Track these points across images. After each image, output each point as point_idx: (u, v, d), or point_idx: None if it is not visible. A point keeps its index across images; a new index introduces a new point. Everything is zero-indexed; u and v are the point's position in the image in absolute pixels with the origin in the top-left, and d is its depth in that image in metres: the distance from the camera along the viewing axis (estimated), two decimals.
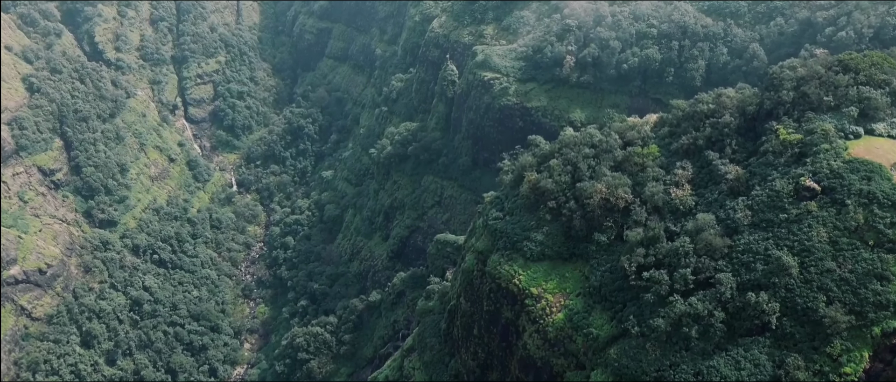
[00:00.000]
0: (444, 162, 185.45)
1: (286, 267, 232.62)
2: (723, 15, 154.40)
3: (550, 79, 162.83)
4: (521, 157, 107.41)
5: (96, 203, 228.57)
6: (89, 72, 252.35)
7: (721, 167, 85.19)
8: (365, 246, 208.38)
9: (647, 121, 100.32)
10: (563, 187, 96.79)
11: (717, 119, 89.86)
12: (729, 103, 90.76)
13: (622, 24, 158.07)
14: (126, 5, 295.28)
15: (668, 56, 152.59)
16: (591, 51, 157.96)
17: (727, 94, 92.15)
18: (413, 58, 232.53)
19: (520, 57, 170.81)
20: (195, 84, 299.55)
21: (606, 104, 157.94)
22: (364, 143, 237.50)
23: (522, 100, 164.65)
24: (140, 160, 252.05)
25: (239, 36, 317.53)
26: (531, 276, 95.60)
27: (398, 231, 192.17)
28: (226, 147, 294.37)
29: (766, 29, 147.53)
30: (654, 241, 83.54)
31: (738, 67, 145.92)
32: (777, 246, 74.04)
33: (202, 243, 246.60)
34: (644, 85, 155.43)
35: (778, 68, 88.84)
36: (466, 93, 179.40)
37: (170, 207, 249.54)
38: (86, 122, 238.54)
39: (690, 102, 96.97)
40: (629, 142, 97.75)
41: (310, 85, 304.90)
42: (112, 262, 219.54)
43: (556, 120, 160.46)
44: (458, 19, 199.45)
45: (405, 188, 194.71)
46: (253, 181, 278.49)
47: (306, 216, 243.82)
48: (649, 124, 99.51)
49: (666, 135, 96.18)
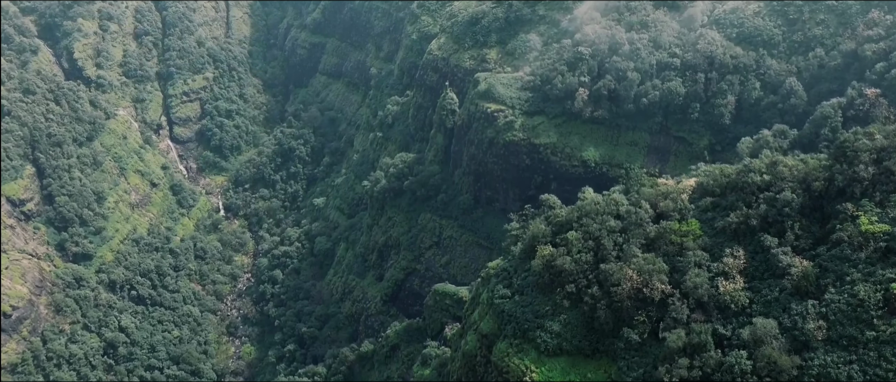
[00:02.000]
0: (443, 199, 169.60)
1: (274, 303, 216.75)
2: (754, 44, 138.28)
3: (561, 113, 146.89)
4: (532, 225, 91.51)
5: (70, 235, 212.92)
6: (65, 93, 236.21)
7: (782, 257, 69.33)
8: (357, 285, 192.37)
9: (683, 188, 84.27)
10: (585, 268, 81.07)
11: (774, 194, 73.86)
12: (788, 175, 74.79)
13: (641, 53, 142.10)
14: (108, 19, 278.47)
15: (692, 90, 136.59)
16: (606, 82, 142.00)
17: (785, 163, 76.08)
18: (410, 78, 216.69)
19: (526, 86, 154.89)
20: (181, 102, 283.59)
21: (624, 142, 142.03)
22: (357, 171, 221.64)
23: (529, 136, 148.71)
24: (119, 186, 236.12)
25: (228, 50, 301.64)
26: (547, 374, 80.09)
27: (393, 273, 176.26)
28: (213, 169, 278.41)
29: (805, 61, 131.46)
30: (701, 349, 67.98)
31: (773, 104, 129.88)
32: (864, 375, 58.17)
33: (185, 276, 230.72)
34: (666, 121, 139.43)
35: (851, 135, 72.78)
36: (467, 124, 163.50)
37: (151, 237, 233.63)
38: (60, 147, 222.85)
39: (737, 168, 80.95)
40: (663, 214, 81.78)
41: (302, 103, 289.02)
42: (86, 300, 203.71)
43: (566, 158, 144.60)
44: (459, 41, 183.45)
45: (400, 225, 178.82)
46: (241, 206, 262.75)
47: (296, 247, 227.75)
48: (686, 191, 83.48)
49: (708, 207, 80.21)
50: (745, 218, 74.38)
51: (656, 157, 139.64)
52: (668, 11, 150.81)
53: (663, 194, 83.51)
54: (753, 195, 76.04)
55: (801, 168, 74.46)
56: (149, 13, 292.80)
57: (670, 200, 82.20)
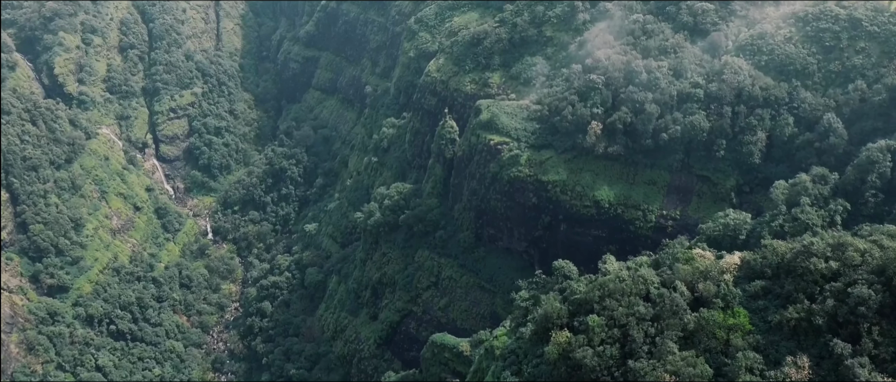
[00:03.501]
0: (442, 236, 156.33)
1: (262, 338, 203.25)
2: (786, 74, 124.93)
3: (571, 148, 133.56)
4: (545, 302, 78.19)
5: (45, 266, 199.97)
6: (43, 112, 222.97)
7: (859, 370, 56.07)
8: (350, 323, 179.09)
9: (726, 266, 70.98)
10: (609, 363, 67.81)
11: (843, 285, 60.67)
12: (858, 260, 61.60)
13: (660, 82, 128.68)
14: (92, 32, 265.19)
15: (718, 124, 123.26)
16: (621, 115, 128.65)
17: (855, 246, 62.93)
18: (407, 98, 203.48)
19: (533, 116, 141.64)
20: (168, 119, 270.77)
21: (641, 180, 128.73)
22: (351, 197, 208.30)
23: (536, 172, 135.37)
24: (100, 211, 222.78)
25: (218, 63, 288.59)
26: None
27: (388, 314, 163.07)
28: (201, 189, 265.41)
29: (844, 94, 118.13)
30: None
31: (809, 143, 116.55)
32: None
33: (169, 307, 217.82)
34: (688, 159, 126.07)
35: None
36: (468, 156, 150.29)
37: (133, 265, 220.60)
38: (36, 171, 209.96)
39: (794, 248, 67.60)
40: (703, 300, 68.60)
41: (294, 120, 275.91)
42: (60, 337, 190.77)
43: (577, 198, 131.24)
44: (459, 63, 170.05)
45: (396, 262, 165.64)
46: (230, 229, 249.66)
47: (286, 278, 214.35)
48: (730, 271, 70.23)
49: (758, 293, 67.07)
50: (808, 314, 61.22)
51: (677, 198, 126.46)
52: (688, 36, 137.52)
53: (702, 273, 70.30)
54: (816, 284, 62.83)
55: (877, 254, 61.19)
56: (135, 25, 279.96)
57: (711, 282, 69.00)
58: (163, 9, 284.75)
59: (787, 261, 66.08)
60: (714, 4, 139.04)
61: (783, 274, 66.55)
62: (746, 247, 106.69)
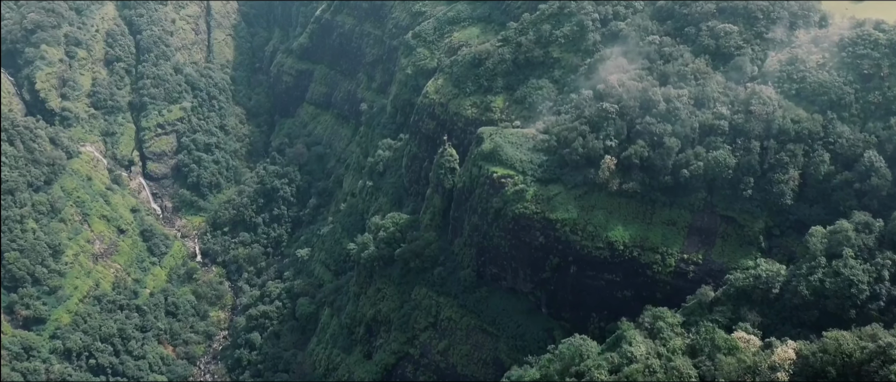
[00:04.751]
0: (441, 273, 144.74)
1: (250, 372, 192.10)
2: (819, 104, 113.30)
3: (582, 183, 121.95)
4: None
5: (20, 297, 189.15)
6: (21, 132, 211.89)
7: None
8: (343, 362, 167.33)
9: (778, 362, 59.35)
10: None
11: None
12: None
13: (680, 113, 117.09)
14: (76, 44, 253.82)
15: (745, 160, 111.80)
16: (638, 149, 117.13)
17: None
18: (404, 118, 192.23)
19: (539, 147, 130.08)
20: (155, 135, 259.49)
21: (659, 220, 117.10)
22: (345, 222, 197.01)
23: (544, 209, 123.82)
24: (81, 235, 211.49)
25: (209, 76, 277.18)
26: None
27: (383, 356, 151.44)
28: (190, 208, 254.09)
29: (885, 129, 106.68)
30: None
31: (848, 183, 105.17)
32: None
33: (153, 338, 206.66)
34: (711, 198, 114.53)
35: None
36: (469, 188, 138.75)
37: (115, 293, 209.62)
38: (12, 195, 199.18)
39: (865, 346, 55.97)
40: None
41: (287, 136, 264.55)
42: (35, 374, 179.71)
43: (589, 238, 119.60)
44: (459, 85, 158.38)
45: (391, 300, 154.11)
46: (219, 252, 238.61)
47: (276, 307, 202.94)
48: (784, 369, 58.59)
49: None
50: None
51: (699, 241, 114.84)
52: (710, 60, 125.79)
53: (750, 370, 58.66)
54: None
55: None
56: (122, 37, 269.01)
57: None
58: (151, 20, 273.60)
59: (857, 363, 54.48)
60: (738, 26, 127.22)
61: (852, 377, 55.03)
62: (780, 302, 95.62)
